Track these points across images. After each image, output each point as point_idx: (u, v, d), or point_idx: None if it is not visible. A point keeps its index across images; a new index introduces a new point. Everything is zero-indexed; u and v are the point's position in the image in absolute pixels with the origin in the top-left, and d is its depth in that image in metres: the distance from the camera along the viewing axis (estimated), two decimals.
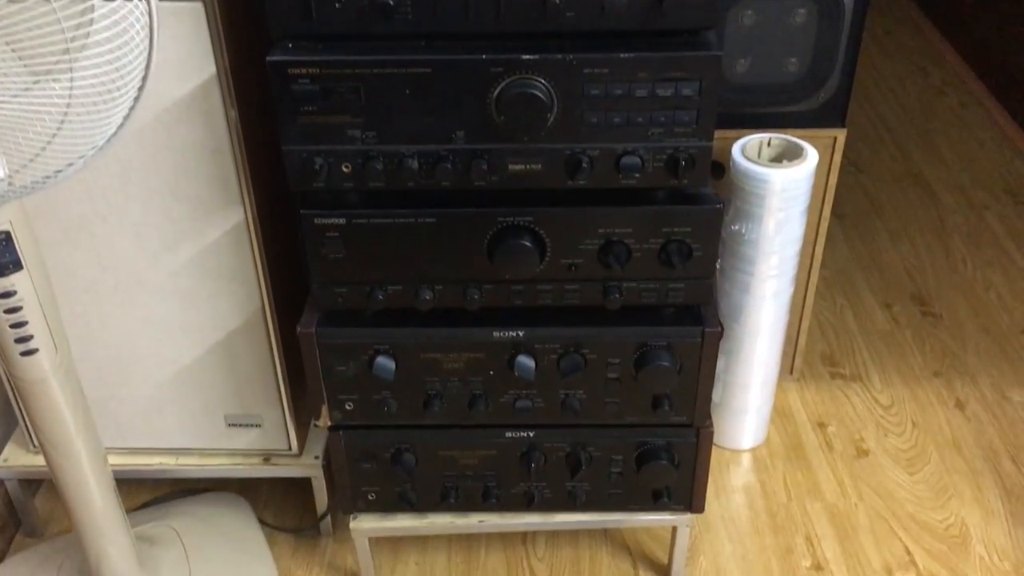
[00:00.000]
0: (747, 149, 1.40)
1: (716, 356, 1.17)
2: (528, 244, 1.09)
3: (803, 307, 1.65)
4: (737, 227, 1.42)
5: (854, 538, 1.48)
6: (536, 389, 1.20)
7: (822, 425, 1.68)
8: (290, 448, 1.43)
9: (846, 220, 2.17)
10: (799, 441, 1.65)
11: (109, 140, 0.89)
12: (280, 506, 1.54)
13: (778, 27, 1.41)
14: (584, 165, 1.05)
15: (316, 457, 1.43)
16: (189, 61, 1.10)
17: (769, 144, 1.43)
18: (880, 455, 1.62)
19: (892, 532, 1.49)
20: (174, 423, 1.40)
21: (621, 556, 1.46)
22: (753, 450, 1.64)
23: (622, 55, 1.00)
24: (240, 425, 1.40)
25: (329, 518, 1.48)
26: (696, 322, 1.16)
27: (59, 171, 0.90)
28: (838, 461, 1.61)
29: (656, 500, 1.30)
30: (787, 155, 1.42)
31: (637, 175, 1.06)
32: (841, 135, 1.50)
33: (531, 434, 1.25)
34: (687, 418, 1.23)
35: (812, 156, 1.39)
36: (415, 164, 1.06)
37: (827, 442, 1.65)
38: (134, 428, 1.41)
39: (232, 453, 1.44)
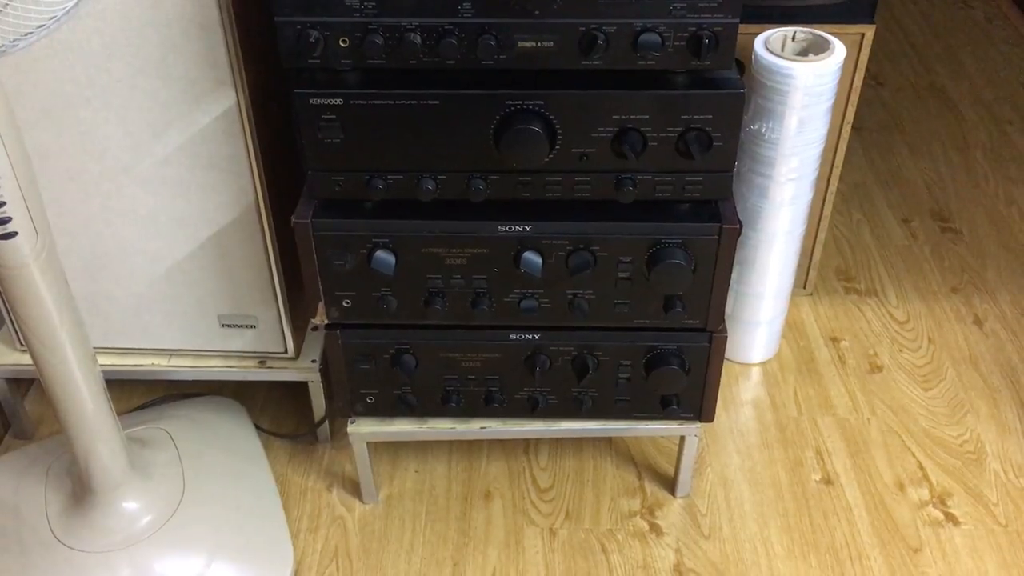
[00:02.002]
0: (770, 43, 1.32)
1: (733, 255, 1.11)
2: (537, 130, 1.02)
3: (819, 219, 1.59)
4: (756, 126, 1.35)
5: (865, 453, 1.44)
6: (543, 288, 1.15)
7: (835, 340, 1.63)
8: (286, 351, 1.38)
9: (864, 134, 2.09)
10: (811, 356, 1.60)
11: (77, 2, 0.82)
12: (276, 411, 1.50)
13: None
14: (600, 42, 0.98)
15: (313, 361, 1.38)
16: None
17: (794, 38, 1.35)
18: (894, 370, 1.57)
19: (905, 447, 1.45)
20: (166, 323, 1.35)
21: (626, 467, 1.42)
22: (764, 364, 1.59)
23: None
24: (234, 326, 1.35)
25: (327, 424, 1.44)
26: (713, 218, 1.10)
27: (24, 35, 0.82)
28: (851, 376, 1.56)
29: (665, 407, 1.25)
30: (812, 50, 1.34)
31: (657, 54, 0.98)
32: (869, 31, 1.41)
33: (536, 336, 1.20)
34: (700, 321, 1.17)
35: (839, 50, 1.31)
36: (417, 39, 0.98)
37: (840, 357, 1.60)
38: (125, 327, 1.36)
39: (226, 355, 1.39)
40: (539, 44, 0.99)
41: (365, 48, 0.98)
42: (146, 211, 1.24)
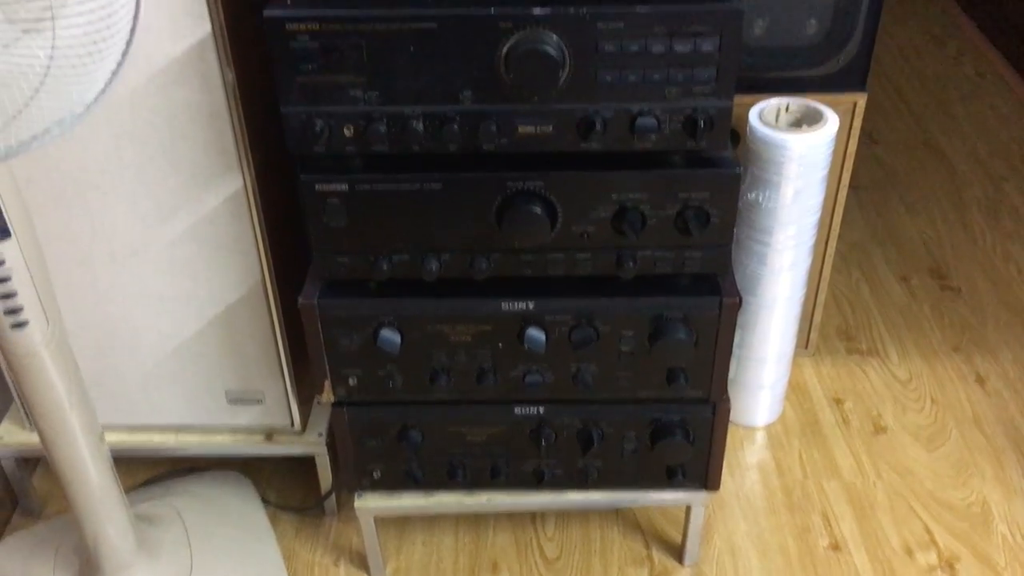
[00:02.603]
0: (764, 114, 1.35)
1: (734, 328, 1.13)
2: (538, 211, 1.04)
3: (819, 280, 1.61)
4: (753, 195, 1.37)
5: (872, 517, 1.44)
6: (547, 363, 1.16)
7: (839, 401, 1.64)
8: (292, 425, 1.39)
9: (861, 192, 2.12)
10: (815, 418, 1.61)
11: (96, 99, 0.85)
12: (283, 484, 1.51)
13: None
14: (597, 127, 1.00)
15: (320, 434, 1.39)
16: (183, 19, 1.05)
17: (787, 109, 1.38)
18: (898, 432, 1.58)
19: (912, 511, 1.45)
20: (174, 399, 1.36)
21: (633, 536, 1.42)
22: (768, 427, 1.59)
23: (638, 8, 0.95)
24: (241, 401, 1.36)
25: (334, 497, 1.44)
26: (713, 292, 1.12)
27: (44, 132, 0.85)
28: (855, 438, 1.57)
29: (670, 478, 1.25)
30: (806, 120, 1.36)
31: (653, 137, 1.01)
32: (861, 100, 1.44)
33: (541, 410, 1.21)
34: (703, 393, 1.18)
35: (832, 121, 1.34)
36: (420, 126, 1.01)
37: (844, 418, 1.60)
38: (133, 404, 1.37)
39: (234, 430, 1.40)
40: (538, 129, 1.01)
41: (369, 136, 1.01)
42: (155, 291, 1.26)
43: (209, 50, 1.07)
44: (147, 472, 1.51)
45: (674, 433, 1.20)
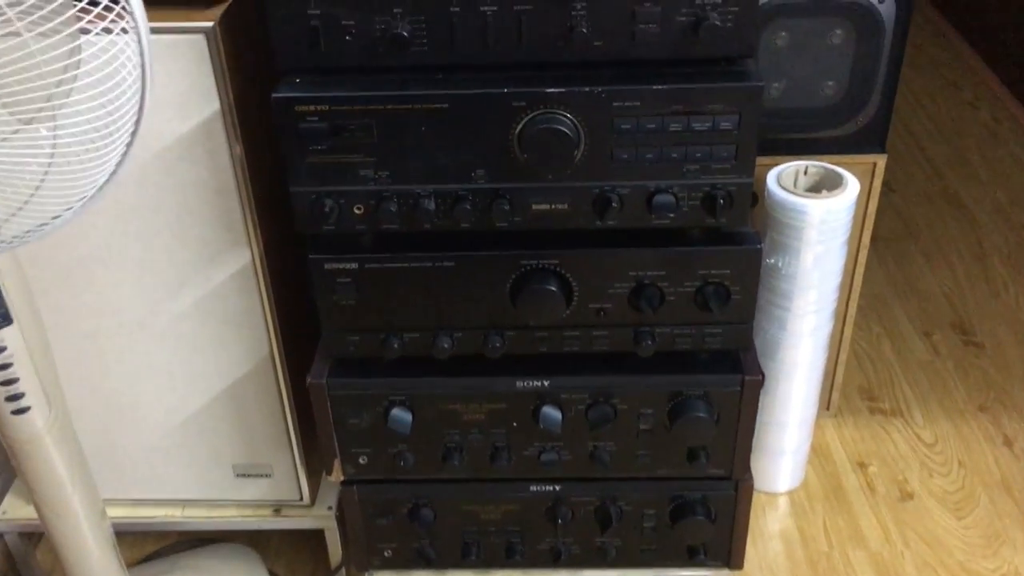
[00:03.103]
0: (783, 178, 1.32)
1: (756, 405, 1.09)
2: (553, 288, 1.01)
3: (840, 340, 1.57)
4: (773, 260, 1.34)
5: None
6: (563, 441, 1.13)
7: (863, 465, 1.59)
8: (301, 499, 1.35)
9: (879, 243, 2.08)
10: (839, 483, 1.56)
11: (101, 189, 0.82)
12: (292, 557, 1.47)
13: (814, 48, 1.34)
14: (614, 204, 0.97)
15: (329, 508, 1.35)
16: (191, 96, 1.03)
17: (806, 172, 1.35)
18: (926, 498, 1.53)
19: None
20: (180, 473, 1.33)
21: None
22: (790, 493, 1.55)
23: (655, 87, 0.92)
24: (249, 475, 1.33)
25: (343, 571, 1.40)
26: (735, 369, 1.08)
27: (48, 222, 0.83)
28: (881, 504, 1.52)
29: (692, 557, 1.21)
30: (826, 183, 1.33)
31: (671, 215, 0.98)
32: (881, 160, 1.42)
33: (557, 487, 1.17)
34: (725, 470, 1.14)
35: (853, 185, 1.31)
36: (432, 205, 0.98)
37: (869, 484, 1.56)
38: (138, 478, 1.34)
39: (241, 504, 1.36)
40: (553, 207, 0.99)
41: (379, 215, 0.99)
42: (161, 365, 1.23)
43: (217, 127, 1.05)
44: (154, 544, 1.47)
45: (695, 511, 1.17)
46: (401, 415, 1.10)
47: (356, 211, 0.99)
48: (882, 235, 2.11)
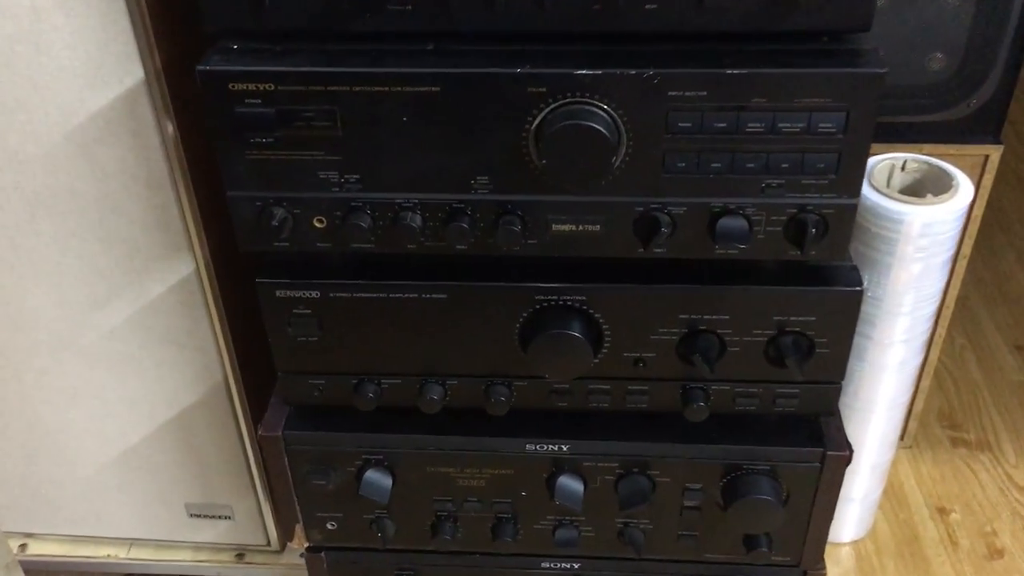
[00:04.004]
0: (875, 174, 1.05)
1: (839, 486, 0.84)
2: (577, 335, 0.76)
3: (923, 365, 1.30)
4: None
5: None
6: (585, 516, 0.88)
7: (943, 511, 1.33)
8: (269, 544, 1.13)
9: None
10: (914, 533, 1.31)
11: None
12: None
13: (921, 11, 1.05)
14: (663, 228, 0.71)
15: (301, 555, 1.12)
16: (104, 60, 0.78)
17: (903, 168, 1.07)
18: (1019, 555, 1.27)
19: None
20: (122, 510, 1.11)
21: None
22: (856, 544, 1.30)
23: (729, 71, 0.65)
24: (205, 516, 1.11)
25: None
26: (814, 440, 0.83)
27: None
28: (964, 562, 1.27)
29: None
30: (928, 183, 1.06)
31: (741, 244, 0.72)
32: (995, 152, 1.14)
33: (576, 565, 0.93)
34: (792, 559, 0.90)
35: (965, 187, 1.03)
36: (417, 221, 0.73)
37: (949, 535, 1.30)
38: (73, 514, 1.12)
39: (197, 547, 1.14)
40: (581, 228, 0.73)
41: (347, 230, 0.73)
42: (92, 389, 1.00)
43: (142, 100, 0.80)
44: None
45: None
46: (377, 479, 0.86)
47: (317, 224, 0.74)
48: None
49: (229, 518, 1.10)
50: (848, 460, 0.83)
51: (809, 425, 0.84)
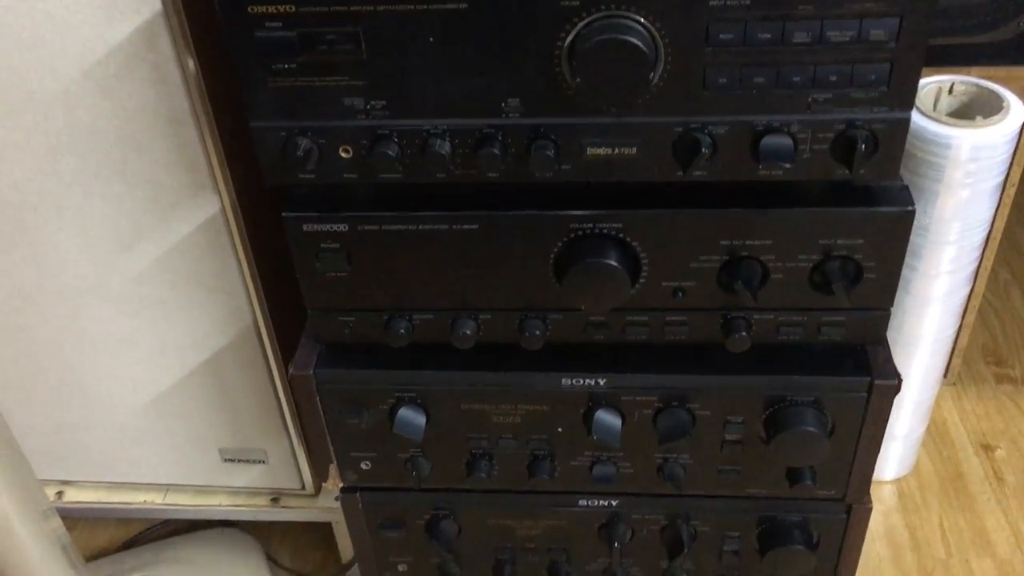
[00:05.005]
0: (921, 97, 1.01)
1: (887, 417, 0.82)
2: (614, 264, 0.73)
3: (968, 299, 1.26)
4: None
5: None
6: (623, 452, 0.86)
7: (988, 448, 1.31)
8: (304, 488, 1.12)
9: None
10: (958, 470, 1.28)
11: None
12: (298, 543, 1.25)
13: None
14: (704, 149, 0.68)
15: (337, 497, 1.12)
16: None
17: (951, 91, 1.03)
18: None
19: None
20: (158, 456, 1.11)
21: None
22: (898, 481, 1.28)
23: None
24: (240, 460, 1.10)
25: (357, 567, 1.18)
26: (861, 369, 0.80)
27: None
28: (1011, 499, 1.24)
29: None
30: (977, 106, 1.02)
31: (787, 164, 0.68)
32: None
33: (614, 503, 0.92)
34: (837, 492, 0.87)
35: (1017, 110, 0.99)
36: (446, 147, 0.70)
37: (995, 472, 1.28)
38: (109, 461, 1.12)
39: (233, 492, 1.14)
40: (617, 151, 0.70)
41: (375, 159, 0.71)
42: (121, 334, 0.99)
43: (161, 33, 0.78)
44: (140, 526, 1.26)
45: (792, 538, 0.90)
46: (411, 417, 0.84)
47: (343, 154, 0.72)
48: None
49: (263, 462, 1.10)
50: (897, 389, 0.80)
51: (855, 354, 0.81)
